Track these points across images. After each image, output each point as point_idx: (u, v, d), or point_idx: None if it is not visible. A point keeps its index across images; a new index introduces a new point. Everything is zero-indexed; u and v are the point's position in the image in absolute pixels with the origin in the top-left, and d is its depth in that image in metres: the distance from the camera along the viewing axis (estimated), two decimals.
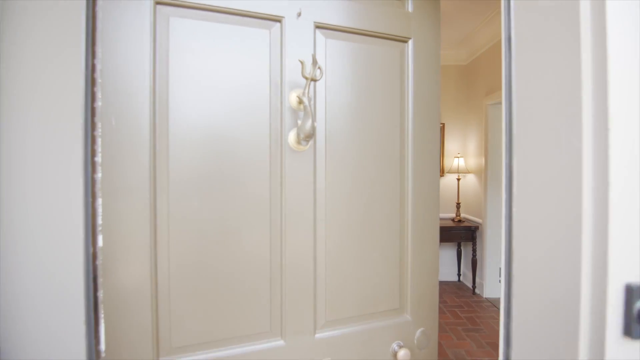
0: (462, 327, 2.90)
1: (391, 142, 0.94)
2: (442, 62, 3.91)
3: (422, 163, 0.97)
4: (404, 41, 0.94)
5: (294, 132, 0.86)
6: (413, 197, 0.96)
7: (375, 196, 0.92)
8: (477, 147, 3.77)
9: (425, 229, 0.97)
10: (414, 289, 0.95)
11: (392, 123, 0.94)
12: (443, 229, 3.62)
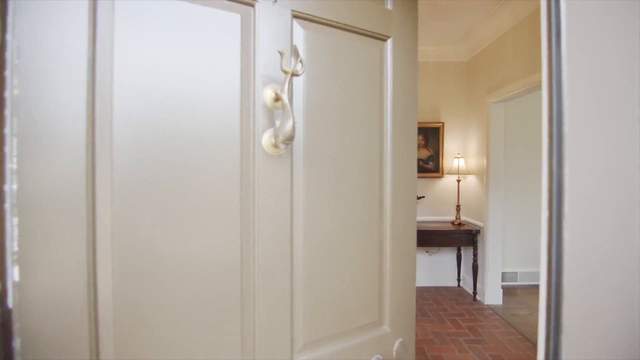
0: (464, 337, 2.75)
1: (371, 146, 0.88)
2: (442, 59, 3.78)
3: (401, 167, 0.92)
4: (383, 39, 0.89)
5: (269, 133, 0.72)
6: (392, 202, 0.90)
7: (356, 203, 0.85)
8: (478, 147, 3.62)
9: (403, 236, 0.92)
10: (393, 299, 0.90)
11: (371, 125, 0.88)
12: (442, 232, 3.48)
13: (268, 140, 0.73)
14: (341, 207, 0.83)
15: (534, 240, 4.03)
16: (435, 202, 3.95)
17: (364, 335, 0.86)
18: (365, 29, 0.86)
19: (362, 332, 0.86)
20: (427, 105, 3.89)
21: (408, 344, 0.92)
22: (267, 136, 0.73)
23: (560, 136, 0.48)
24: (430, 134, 3.88)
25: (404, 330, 0.92)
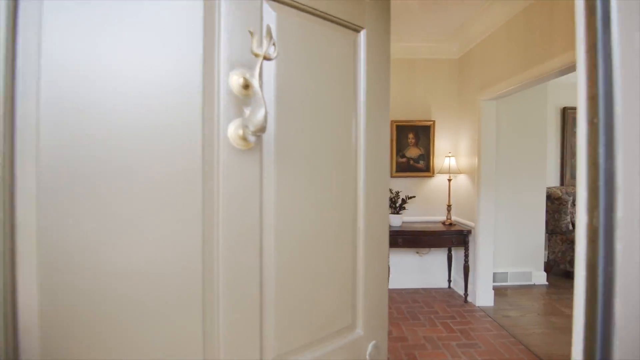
0: (456, 342, 2.66)
1: (344, 142, 0.82)
2: (433, 56, 3.69)
3: (374, 166, 0.87)
4: (356, 30, 0.84)
5: (236, 124, 0.63)
6: (365, 201, 0.85)
7: (329, 202, 0.79)
8: (470, 146, 3.55)
9: (376, 235, 0.88)
10: (366, 300, 0.86)
11: (344, 120, 0.82)
12: (433, 233, 3.39)
13: (235, 132, 0.63)
14: (315, 207, 0.75)
15: (525, 240, 3.99)
16: (425, 202, 3.87)
17: (338, 341, 0.82)
18: (339, 17, 0.79)
19: (336, 337, 0.81)
20: (418, 103, 3.81)
21: (381, 345, 0.90)
22: (233, 127, 0.63)
23: (609, 118, 0.36)
24: (420, 133, 3.79)
25: (376, 332, 0.89)
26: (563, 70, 2.21)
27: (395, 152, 3.77)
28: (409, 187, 3.84)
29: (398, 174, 3.79)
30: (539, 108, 3.93)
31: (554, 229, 4.21)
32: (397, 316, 3.12)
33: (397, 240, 3.39)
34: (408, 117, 3.79)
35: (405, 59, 3.77)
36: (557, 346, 2.60)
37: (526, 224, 4.00)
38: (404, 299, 3.54)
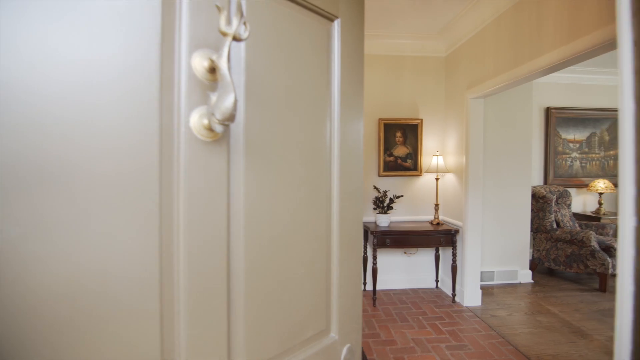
0: (445, 344, 2.61)
1: (318, 136, 0.76)
2: (420, 54, 3.64)
3: (349, 161, 0.83)
4: (331, 19, 0.78)
5: (200, 112, 0.55)
6: (340, 198, 0.80)
7: (302, 200, 0.73)
8: (457, 144, 3.52)
9: (351, 234, 0.85)
10: (340, 303, 0.82)
11: (318, 114, 0.76)
12: (421, 233, 3.34)
13: (199, 122, 0.54)
14: (287, 206, 0.69)
15: (511, 239, 4.00)
16: (413, 202, 3.82)
17: (312, 348, 0.77)
18: (313, 4, 0.73)
19: (310, 344, 0.76)
20: (405, 101, 3.75)
21: (355, 348, 0.88)
22: (197, 116, 0.54)
23: None
24: (408, 131, 3.74)
25: (351, 335, 0.86)
26: (552, 68, 2.18)
27: (382, 151, 3.71)
28: (396, 186, 3.78)
29: (386, 173, 3.73)
30: (525, 107, 3.94)
31: (539, 227, 4.25)
32: (386, 318, 3.05)
33: (385, 241, 3.32)
34: (395, 115, 3.74)
35: (392, 55, 3.71)
36: (545, 346, 2.58)
37: (512, 222, 4.01)
38: (392, 300, 3.48)
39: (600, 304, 3.35)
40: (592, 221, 4.55)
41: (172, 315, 0.52)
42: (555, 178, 4.91)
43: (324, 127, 0.77)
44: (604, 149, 5.04)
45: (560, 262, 3.97)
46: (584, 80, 4.91)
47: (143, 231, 0.48)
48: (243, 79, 0.61)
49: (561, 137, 4.92)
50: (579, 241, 3.78)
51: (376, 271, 3.35)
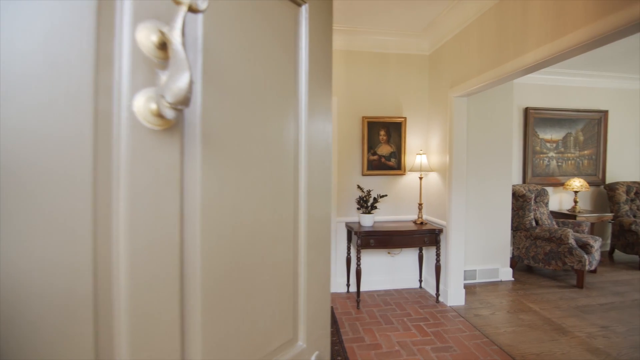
0: (430, 346, 2.56)
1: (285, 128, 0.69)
2: (404, 51, 3.58)
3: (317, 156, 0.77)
4: (298, 4, 0.71)
5: (147, 95, 0.44)
6: (307, 197, 0.74)
7: (268, 199, 0.65)
8: (441, 143, 3.50)
9: (319, 236, 0.78)
10: (308, 309, 0.76)
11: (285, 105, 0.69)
12: (405, 233, 3.29)
13: (145, 106, 0.44)
14: (251, 206, 0.61)
15: (493, 237, 4.03)
16: (397, 201, 3.77)
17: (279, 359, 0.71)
18: None
19: (277, 355, 0.70)
20: (389, 98, 3.70)
21: (324, 355, 0.84)
22: (143, 99, 0.44)
23: None
24: (392, 129, 3.69)
25: (319, 342, 0.82)
26: (537, 65, 2.16)
27: (366, 150, 3.63)
28: (380, 185, 3.73)
29: (369, 172, 3.66)
30: (505, 108, 3.97)
31: (518, 225, 4.30)
32: (370, 321, 2.98)
33: (369, 241, 3.25)
34: (379, 113, 3.67)
35: (376, 52, 3.64)
36: (529, 344, 2.58)
37: (494, 221, 4.04)
38: (376, 301, 3.42)
39: (578, 300, 3.41)
40: (569, 219, 4.67)
41: (110, 340, 0.40)
42: (533, 177, 5.01)
43: (291, 120, 0.70)
44: (579, 149, 5.18)
45: (539, 260, 4.03)
46: (561, 82, 5.03)
47: (72, 238, 0.37)
48: (200, 59, 0.51)
49: (539, 137, 5.02)
50: (557, 239, 3.85)
51: (360, 273, 3.27)
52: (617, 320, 2.99)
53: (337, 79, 3.59)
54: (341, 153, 3.62)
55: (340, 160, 3.63)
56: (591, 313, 3.13)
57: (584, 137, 5.18)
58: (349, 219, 3.66)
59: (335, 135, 3.60)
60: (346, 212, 3.66)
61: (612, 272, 4.32)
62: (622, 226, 4.60)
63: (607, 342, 2.61)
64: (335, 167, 3.61)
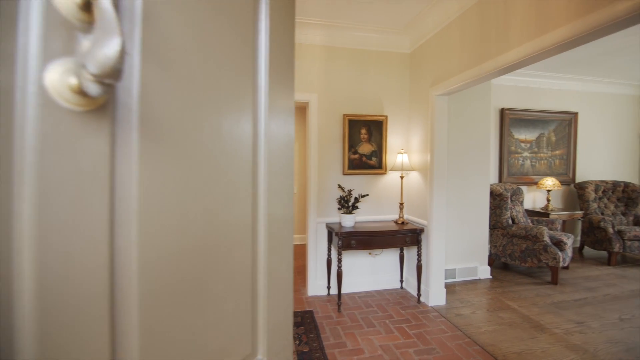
0: (414, 348, 2.51)
1: (241, 121, 0.60)
2: (385, 49, 3.51)
3: (278, 150, 0.70)
4: None
5: (64, 67, 0.33)
6: (268, 195, 0.66)
7: (222, 197, 0.56)
8: (422, 142, 3.47)
9: (281, 238, 0.71)
10: (269, 319, 0.69)
11: (243, 93, 0.60)
12: (387, 233, 3.24)
13: (62, 80, 0.32)
14: (203, 206, 0.53)
15: (471, 236, 4.06)
16: (378, 201, 3.72)
17: None
18: None
19: None
20: (370, 96, 3.64)
21: None
22: (58, 71, 0.33)
23: None
24: (373, 128, 3.63)
25: (281, 354, 0.76)
26: (519, 63, 2.14)
27: (347, 148, 3.55)
28: (361, 185, 3.66)
29: (350, 172, 3.58)
30: (483, 107, 4.01)
31: (496, 224, 4.37)
32: (351, 325, 2.90)
33: (351, 242, 3.17)
34: (360, 111, 3.60)
35: (357, 49, 3.57)
36: (509, 343, 2.58)
37: (473, 219, 4.07)
38: (357, 304, 3.34)
39: (554, 297, 3.49)
40: (542, 217, 4.79)
41: None
42: (508, 176, 5.11)
43: (249, 113, 0.62)
44: (551, 149, 5.35)
45: (515, 257, 4.11)
46: (534, 84, 5.17)
47: None
48: (139, 29, 0.41)
49: (514, 137, 5.13)
50: (533, 236, 3.93)
51: (341, 275, 3.19)
52: (592, 315, 3.06)
53: (317, 75, 3.49)
54: (322, 152, 3.52)
55: (320, 159, 3.53)
56: (566, 309, 3.20)
57: (556, 138, 5.35)
58: (329, 220, 3.57)
59: (315, 133, 3.49)
60: (327, 213, 3.57)
61: (583, 267, 4.47)
62: (592, 223, 4.78)
63: (584, 337, 2.66)
64: (315, 166, 3.51)
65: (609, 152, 5.69)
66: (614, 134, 5.70)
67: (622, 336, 2.68)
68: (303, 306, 3.27)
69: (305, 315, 3.04)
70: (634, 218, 4.96)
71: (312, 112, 3.48)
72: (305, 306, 3.27)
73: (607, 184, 5.16)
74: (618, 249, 4.48)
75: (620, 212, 5.08)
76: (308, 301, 3.39)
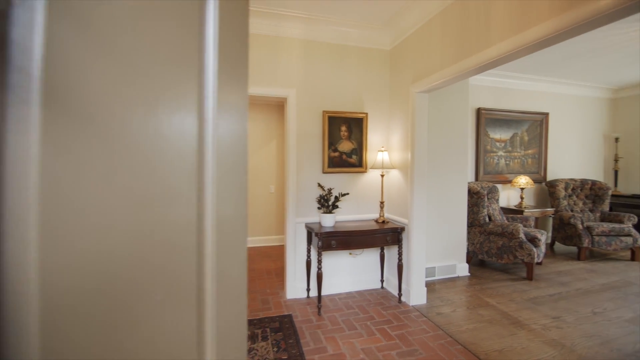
0: (396, 350, 2.45)
1: (183, 113, 0.51)
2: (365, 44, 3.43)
3: (229, 149, 0.61)
4: None
5: None
6: (216, 193, 0.58)
7: (157, 194, 0.47)
8: (402, 140, 3.43)
9: (233, 240, 0.62)
10: (218, 328, 0.60)
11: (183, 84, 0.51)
12: (368, 232, 3.17)
13: None
14: (132, 203, 0.43)
15: (450, 234, 4.08)
16: (358, 200, 3.64)
17: None
18: None
19: None
20: (350, 93, 3.56)
21: None
22: None
23: None
24: (353, 125, 3.55)
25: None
26: (501, 59, 2.12)
27: (327, 146, 3.45)
28: (342, 183, 3.57)
29: (331, 170, 3.48)
30: (461, 107, 4.04)
31: (473, 221, 4.42)
32: (332, 328, 2.80)
33: (331, 243, 3.07)
34: (340, 108, 3.51)
35: (337, 44, 3.48)
36: (490, 341, 2.57)
37: (451, 218, 4.09)
38: (337, 306, 3.25)
39: (530, 293, 3.55)
40: (517, 214, 4.91)
41: None
42: (484, 175, 5.20)
43: (194, 104, 0.54)
44: (524, 148, 5.50)
45: (492, 254, 4.16)
46: (509, 85, 5.29)
47: None
48: None
49: (489, 137, 5.23)
50: (509, 233, 3.99)
51: (321, 276, 3.08)
52: (566, 310, 3.13)
53: (295, 70, 3.37)
54: (300, 149, 3.40)
55: (299, 157, 3.41)
56: (542, 304, 3.25)
57: (529, 137, 5.51)
58: (309, 220, 3.45)
59: (293, 130, 3.37)
60: (306, 212, 3.45)
61: (555, 263, 4.61)
62: (562, 220, 4.94)
63: (561, 332, 2.70)
64: (294, 164, 3.39)
65: (577, 152, 5.93)
66: (582, 135, 5.95)
67: (596, 330, 2.75)
68: (282, 310, 3.14)
69: (283, 320, 2.91)
70: (601, 214, 5.18)
71: (290, 108, 3.35)
72: (283, 310, 3.14)
73: (575, 181, 5.37)
74: (587, 244, 4.65)
75: (588, 209, 5.29)
76: (287, 305, 3.26)
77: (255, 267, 4.44)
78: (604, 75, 5.20)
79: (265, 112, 5.55)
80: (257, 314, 3.04)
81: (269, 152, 5.58)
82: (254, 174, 5.50)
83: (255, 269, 4.36)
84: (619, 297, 3.42)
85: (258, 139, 5.51)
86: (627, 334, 2.68)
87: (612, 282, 3.87)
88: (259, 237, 5.60)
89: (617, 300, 3.35)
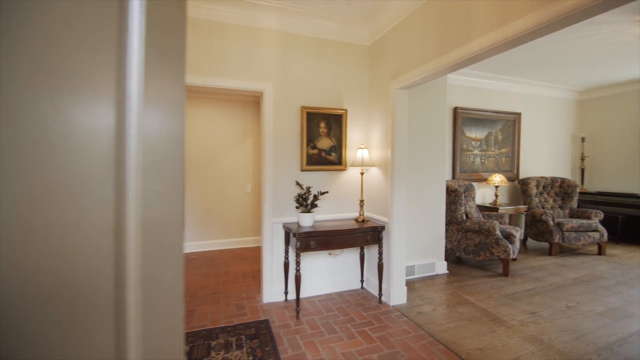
0: (378, 353, 2.36)
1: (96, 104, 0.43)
2: (345, 39, 3.31)
3: (159, 147, 0.52)
4: None
5: None
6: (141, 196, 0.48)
7: (58, 194, 0.41)
8: (382, 137, 3.36)
9: (164, 246, 0.52)
10: (145, 349, 0.50)
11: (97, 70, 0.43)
12: (347, 232, 3.07)
13: None
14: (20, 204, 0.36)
15: (429, 232, 4.07)
16: (337, 198, 3.55)
17: None
18: None
19: None
20: (330, 89, 3.45)
21: None
22: None
23: None
24: (332, 122, 3.45)
25: None
26: (483, 54, 2.08)
27: (305, 143, 3.33)
28: (321, 181, 3.46)
29: (309, 168, 3.36)
30: (440, 105, 4.04)
31: (451, 219, 4.44)
32: (311, 332, 2.68)
33: (310, 243, 2.96)
34: (319, 104, 3.40)
35: (316, 38, 3.36)
36: (471, 339, 2.55)
37: (430, 216, 4.08)
38: (317, 308, 3.14)
39: (506, 289, 3.59)
40: (492, 212, 4.99)
41: None
42: (461, 173, 5.27)
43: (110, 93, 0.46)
44: (498, 147, 5.62)
45: (470, 251, 4.19)
46: (484, 85, 5.38)
47: None
48: None
49: (466, 135, 5.30)
50: (486, 230, 4.03)
51: (299, 278, 2.96)
52: (542, 305, 3.17)
53: (272, 64, 3.22)
54: (278, 146, 3.26)
55: (276, 155, 3.27)
56: (519, 300, 3.29)
57: (502, 137, 5.63)
58: (286, 220, 3.32)
59: (270, 127, 3.22)
60: (283, 212, 3.31)
61: (528, 259, 4.72)
62: (534, 216, 5.08)
63: (538, 328, 2.72)
64: (270, 162, 3.24)
65: (548, 151, 6.14)
66: (552, 134, 6.16)
67: (572, 324, 2.79)
68: (258, 315, 2.99)
69: (260, 326, 2.76)
70: (570, 211, 5.37)
71: (267, 103, 3.20)
72: (260, 315, 2.99)
73: (546, 179, 5.54)
74: (558, 239, 4.80)
75: (558, 206, 5.48)
76: (263, 309, 3.11)
77: (230, 270, 4.25)
78: (571, 77, 5.41)
79: (241, 109, 5.35)
80: (232, 321, 2.86)
81: (245, 151, 5.39)
82: (229, 172, 5.29)
83: (230, 272, 4.17)
84: (589, 291, 3.52)
85: (234, 136, 5.30)
86: (600, 327, 2.74)
87: (582, 276, 3.99)
88: (234, 239, 5.39)
89: (588, 294, 3.45)
